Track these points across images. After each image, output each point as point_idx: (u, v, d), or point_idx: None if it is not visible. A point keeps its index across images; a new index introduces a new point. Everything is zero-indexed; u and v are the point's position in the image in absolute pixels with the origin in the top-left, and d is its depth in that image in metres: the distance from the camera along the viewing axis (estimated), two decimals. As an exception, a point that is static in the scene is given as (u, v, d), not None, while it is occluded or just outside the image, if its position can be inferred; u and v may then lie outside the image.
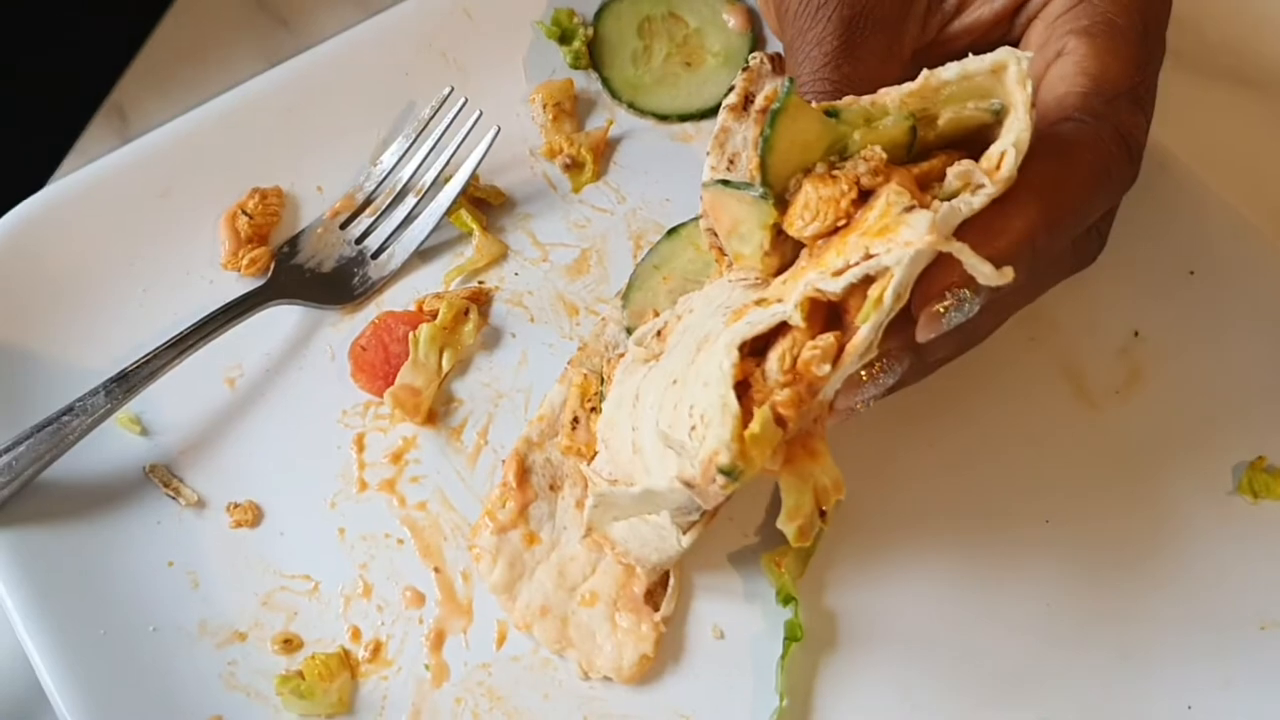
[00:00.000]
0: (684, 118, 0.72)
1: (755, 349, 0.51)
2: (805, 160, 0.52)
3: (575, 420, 0.64)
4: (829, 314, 0.51)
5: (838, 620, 0.63)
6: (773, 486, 0.64)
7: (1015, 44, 0.61)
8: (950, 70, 0.53)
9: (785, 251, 0.54)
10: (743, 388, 0.50)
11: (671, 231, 0.69)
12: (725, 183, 0.54)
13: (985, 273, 0.48)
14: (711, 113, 0.66)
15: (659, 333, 0.58)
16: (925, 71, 0.53)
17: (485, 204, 0.71)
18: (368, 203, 0.70)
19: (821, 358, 0.49)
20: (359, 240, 0.70)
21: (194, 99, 0.71)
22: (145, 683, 0.61)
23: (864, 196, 0.51)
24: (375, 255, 0.69)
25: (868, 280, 0.49)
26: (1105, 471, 0.66)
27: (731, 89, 0.64)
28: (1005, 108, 0.52)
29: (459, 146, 0.69)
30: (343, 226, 0.70)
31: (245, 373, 0.67)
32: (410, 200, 0.70)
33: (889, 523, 0.64)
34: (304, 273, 0.69)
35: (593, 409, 0.63)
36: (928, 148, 0.54)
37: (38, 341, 0.66)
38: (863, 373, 0.53)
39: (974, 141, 0.53)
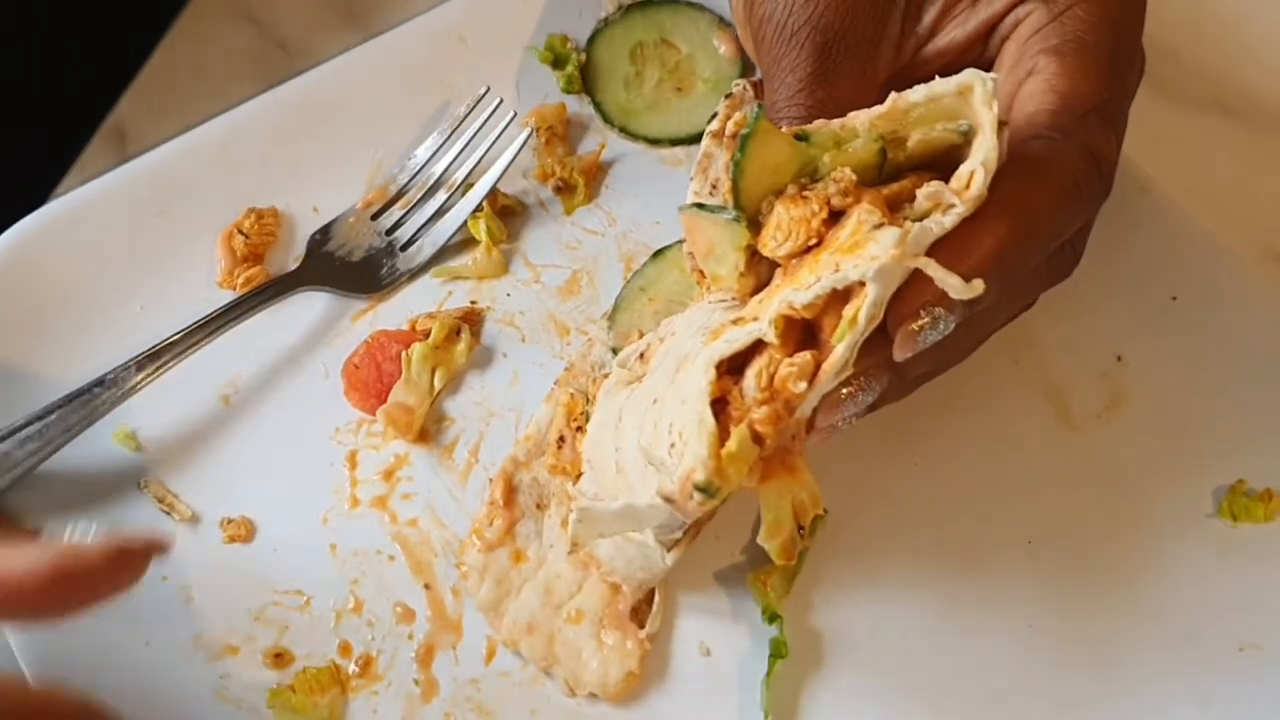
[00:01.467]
0: (675, 142, 0.73)
1: (733, 368, 0.52)
2: (776, 183, 0.54)
3: (561, 439, 0.65)
4: (804, 333, 0.52)
5: (823, 639, 0.63)
6: (758, 505, 0.65)
7: (990, 65, 0.62)
8: (917, 93, 0.54)
9: (761, 273, 0.55)
10: (720, 405, 0.51)
11: (657, 254, 0.70)
12: (700, 206, 0.55)
13: (954, 285, 0.49)
14: (701, 138, 0.67)
15: (642, 354, 0.59)
16: (893, 94, 0.54)
17: (510, 213, 0.72)
18: (400, 195, 0.71)
19: (798, 375, 0.50)
20: (389, 231, 0.71)
21: (192, 120, 0.72)
22: (139, 696, 0.61)
23: (835, 217, 0.52)
24: (404, 247, 0.71)
25: (843, 300, 0.50)
26: (1087, 493, 0.66)
27: (714, 115, 0.65)
28: (973, 128, 0.53)
29: (492, 145, 0.71)
30: (374, 217, 0.71)
31: (240, 390, 0.68)
32: (441, 195, 0.71)
33: (874, 543, 0.65)
34: (334, 260, 0.70)
35: (578, 428, 0.64)
36: (898, 169, 0.55)
37: (36, 358, 0.67)
38: (842, 391, 0.54)
39: (944, 163, 0.54)
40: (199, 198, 0.70)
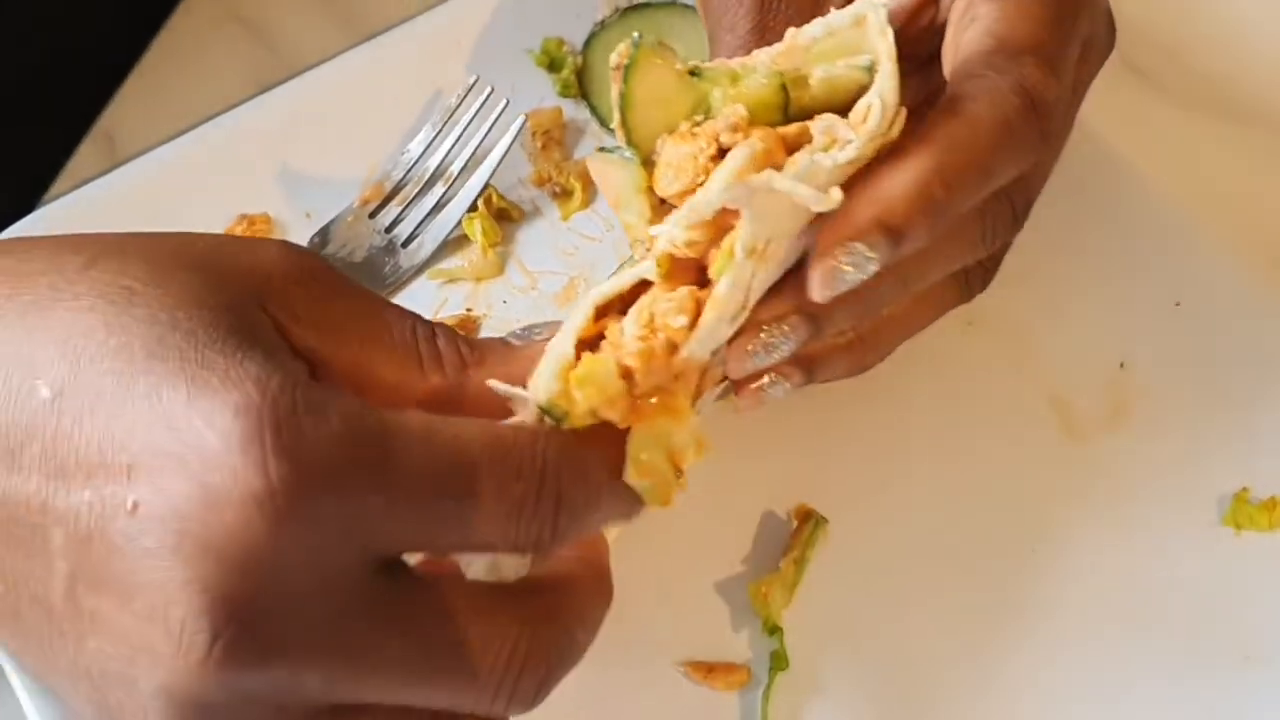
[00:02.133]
0: (672, 146, 0.72)
1: (625, 309, 0.50)
2: (669, 121, 0.52)
3: None
4: (699, 276, 0.50)
5: (823, 651, 0.63)
6: (759, 516, 0.64)
7: (944, 27, 0.59)
8: (815, 26, 0.52)
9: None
10: (598, 342, 0.49)
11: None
12: (602, 149, 0.54)
13: (806, 195, 0.47)
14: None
15: None
16: (790, 29, 0.52)
17: (506, 217, 0.71)
18: (395, 191, 0.71)
19: (675, 309, 0.48)
20: (388, 229, 0.70)
21: (182, 124, 0.71)
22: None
23: (726, 155, 0.50)
24: (405, 244, 0.70)
25: (724, 236, 0.49)
26: (1090, 501, 0.66)
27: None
28: (874, 63, 0.51)
29: (486, 134, 0.70)
30: (371, 216, 0.70)
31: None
32: (439, 188, 0.70)
33: (875, 554, 0.64)
34: (336, 263, 0.69)
35: None
36: (805, 113, 0.52)
37: (24, 367, 0.66)
38: (757, 339, 0.52)
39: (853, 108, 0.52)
40: (190, 204, 0.69)
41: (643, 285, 0.50)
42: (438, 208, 0.70)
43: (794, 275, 0.51)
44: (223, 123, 0.71)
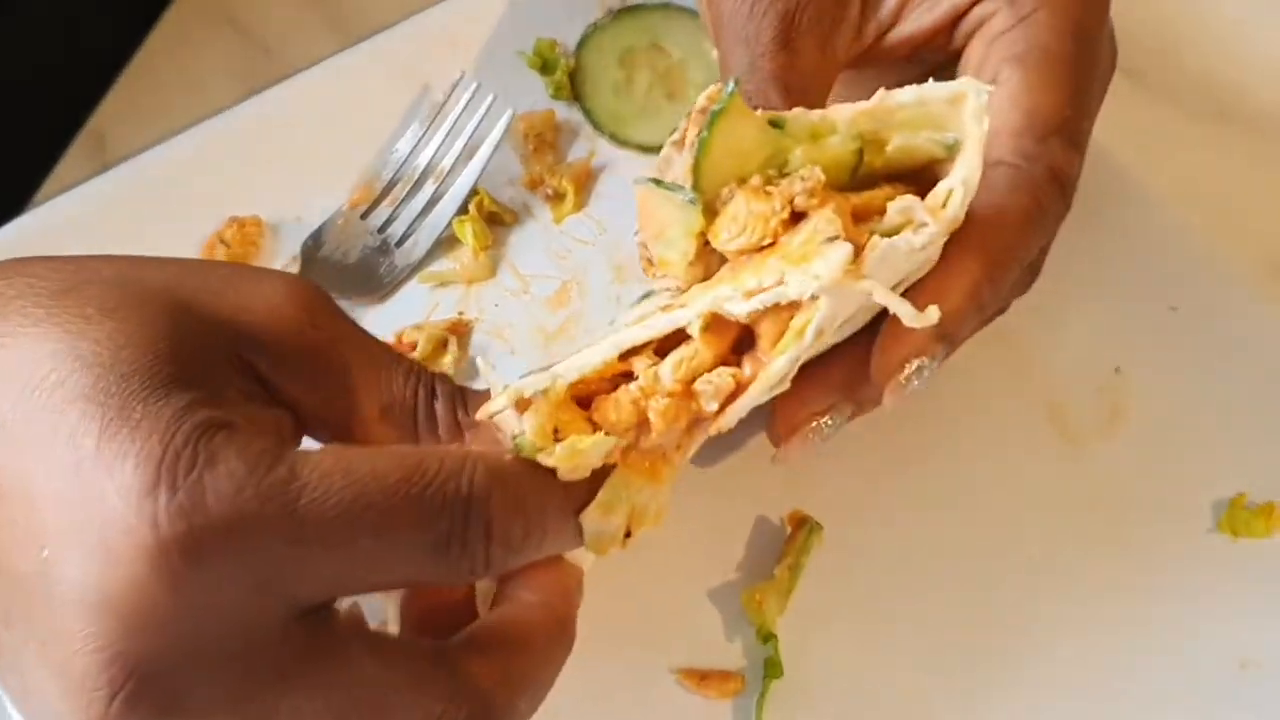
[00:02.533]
0: (666, 149, 0.72)
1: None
2: (741, 170, 0.50)
3: None
4: (739, 339, 0.49)
5: (818, 658, 0.62)
6: (753, 522, 0.64)
7: (956, 58, 0.61)
8: (907, 93, 0.51)
9: (711, 265, 0.52)
10: (624, 378, 0.49)
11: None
12: (657, 182, 0.52)
13: (905, 314, 0.47)
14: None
15: None
16: (881, 91, 0.51)
17: (498, 221, 0.70)
18: (386, 191, 0.70)
19: (713, 395, 0.48)
20: (381, 229, 0.69)
21: (173, 126, 0.70)
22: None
23: (796, 219, 0.49)
24: (399, 243, 0.69)
25: (786, 310, 0.48)
26: (1085, 508, 0.65)
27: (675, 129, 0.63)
28: (958, 142, 0.51)
29: (475, 129, 0.70)
30: (363, 217, 0.70)
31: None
32: (430, 186, 0.70)
33: (869, 561, 0.64)
34: (332, 265, 0.69)
35: None
36: (873, 177, 0.52)
37: (12, 371, 0.66)
38: (812, 429, 0.55)
39: (921, 178, 0.52)
40: (180, 206, 0.69)
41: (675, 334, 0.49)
42: (430, 205, 0.70)
43: (840, 361, 0.52)
44: (214, 124, 0.70)
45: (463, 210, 0.70)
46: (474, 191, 0.70)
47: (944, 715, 0.62)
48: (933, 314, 0.47)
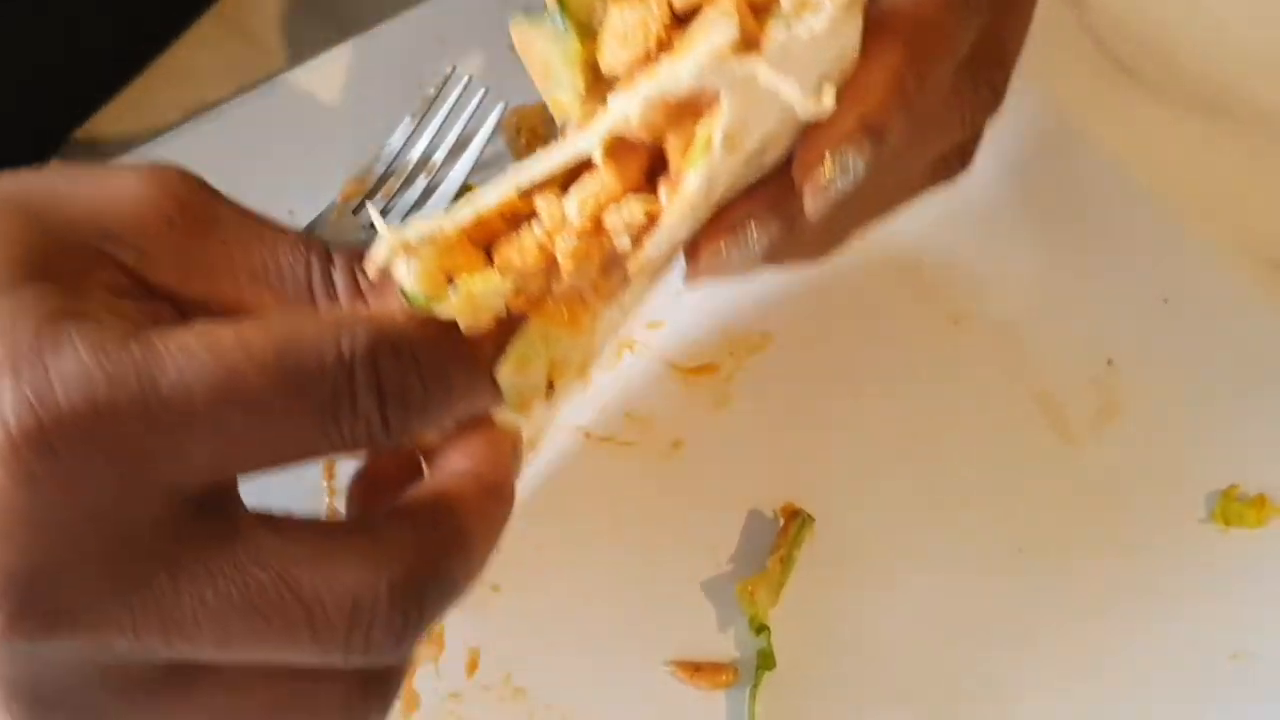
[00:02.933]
0: (658, 143, 0.72)
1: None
2: None
3: None
4: (652, 166, 0.44)
5: (810, 649, 0.62)
6: (746, 514, 0.64)
7: None
8: None
9: (608, 95, 0.47)
10: (525, 218, 0.44)
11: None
12: (527, 15, 0.47)
13: (795, 98, 0.42)
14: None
15: None
16: None
17: None
18: (379, 185, 0.70)
19: (623, 228, 0.43)
20: (373, 224, 0.69)
21: (166, 121, 0.71)
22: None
23: (688, 21, 0.44)
24: None
25: (690, 118, 0.43)
26: (1077, 499, 0.65)
27: None
28: None
29: (468, 122, 0.70)
30: (355, 211, 0.70)
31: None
32: (422, 180, 0.70)
33: (862, 552, 0.64)
34: None
35: None
36: None
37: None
38: (732, 239, 0.47)
39: None
40: (173, 202, 0.69)
41: (578, 168, 0.44)
42: (422, 199, 0.70)
43: (767, 184, 0.46)
44: (207, 120, 0.70)
45: (454, 204, 0.70)
46: (466, 185, 0.70)
47: (936, 706, 0.62)
48: (828, 100, 0.43)
